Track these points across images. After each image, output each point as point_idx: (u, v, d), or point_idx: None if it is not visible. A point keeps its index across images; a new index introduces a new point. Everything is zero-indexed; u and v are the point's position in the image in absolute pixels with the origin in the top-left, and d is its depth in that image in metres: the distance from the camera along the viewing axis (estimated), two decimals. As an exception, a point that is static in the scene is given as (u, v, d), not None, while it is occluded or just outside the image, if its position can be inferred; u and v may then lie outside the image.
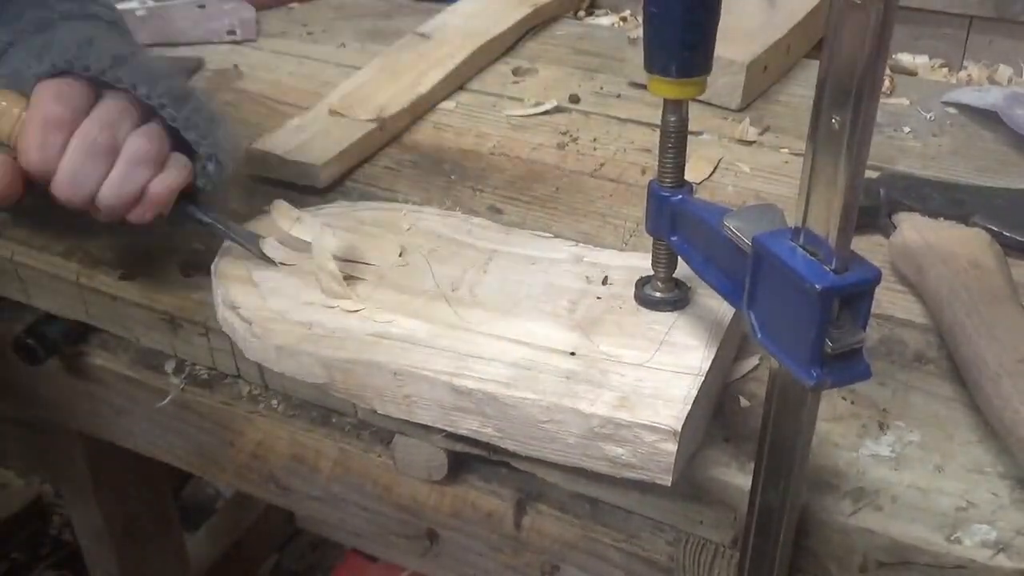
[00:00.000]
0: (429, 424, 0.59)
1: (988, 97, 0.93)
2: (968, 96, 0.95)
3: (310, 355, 0.59)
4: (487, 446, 0.59)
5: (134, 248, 0.75)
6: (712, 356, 0.56)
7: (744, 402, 0.59)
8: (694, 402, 0.52)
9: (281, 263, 0.66)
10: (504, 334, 0.59)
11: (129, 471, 1.11)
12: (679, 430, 0.51)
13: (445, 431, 0.59)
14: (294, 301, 0.63)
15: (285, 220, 0.70)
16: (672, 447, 0.51)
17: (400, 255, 0.66)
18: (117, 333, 0.75)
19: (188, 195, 0.66)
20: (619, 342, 0.58)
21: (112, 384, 0.79)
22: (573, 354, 0.57)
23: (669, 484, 0.53)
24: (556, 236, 0.70)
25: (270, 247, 0.66)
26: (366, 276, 0.65)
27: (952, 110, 0.95)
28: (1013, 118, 0.89)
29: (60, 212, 0.64)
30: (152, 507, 1.19)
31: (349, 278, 0.64)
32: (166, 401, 0.74)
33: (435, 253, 0.67)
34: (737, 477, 0.54)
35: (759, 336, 0.47)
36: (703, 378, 0.54)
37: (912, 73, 1.12)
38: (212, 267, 0.67)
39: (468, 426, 0.57)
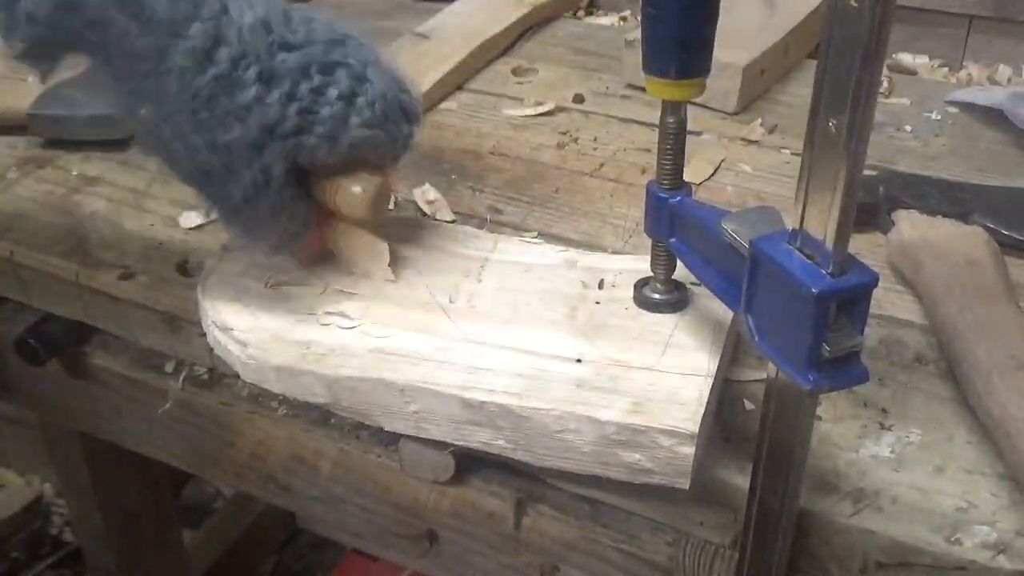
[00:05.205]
0: (439, 439, 0.58)
1: (994, 96, 0.93)
2: (973, 95, 0.95)
3: (312, 375, 0.58)
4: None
5: (134, 248, 0.75)
6: (718, 357, 0.55)
7: (749, 405, 0.59)
8: (706, 404, 0.52)
9: (267, 282, 0.63)
10: (508, 344, 0.58)
11: (129, 471, 1.11)
12: (696, 433, 0.50)
13: (456, 445, 0.58)
14: (287, 319, 0.61)
15: None
16: (690, 450, 0.51)
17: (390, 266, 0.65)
18: (117, 333, 0.75)
19: None
20: (624, 346, 0.57)
21: (112, 384, 0.79)
22: (580, 361, 0.56)
23: (687, 488, 0.52)
24: (546, 241, 0.70)
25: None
26: (359, 291, 0.63)
27: (953, 109, 0.95)
28: (1018, 116, 0.89)
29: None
30: (152, 507, 1.19)
31: (339, 293, 0.63)
32: (166, 407, 0.74)
33: (426, 264, 0.65)
34: (737, 478, 0.54)
35: (757, 340, 0.47)
36: (712, 379, 0.54)
37: (912, 73, 1.12)
38: (198, 288, 0.64)
39: (479, 439, 0.56)
